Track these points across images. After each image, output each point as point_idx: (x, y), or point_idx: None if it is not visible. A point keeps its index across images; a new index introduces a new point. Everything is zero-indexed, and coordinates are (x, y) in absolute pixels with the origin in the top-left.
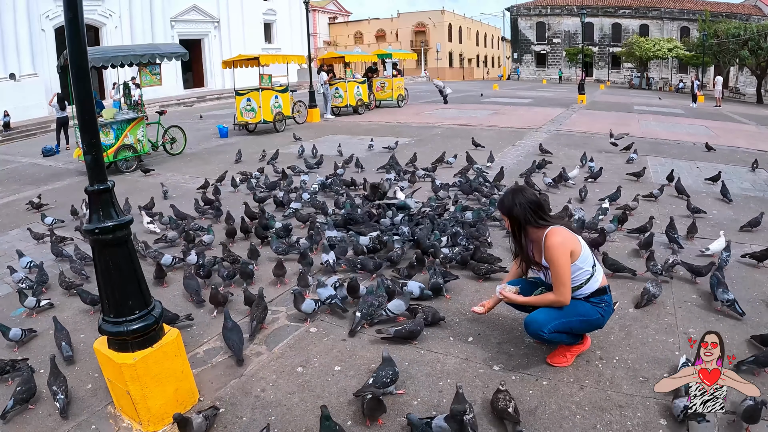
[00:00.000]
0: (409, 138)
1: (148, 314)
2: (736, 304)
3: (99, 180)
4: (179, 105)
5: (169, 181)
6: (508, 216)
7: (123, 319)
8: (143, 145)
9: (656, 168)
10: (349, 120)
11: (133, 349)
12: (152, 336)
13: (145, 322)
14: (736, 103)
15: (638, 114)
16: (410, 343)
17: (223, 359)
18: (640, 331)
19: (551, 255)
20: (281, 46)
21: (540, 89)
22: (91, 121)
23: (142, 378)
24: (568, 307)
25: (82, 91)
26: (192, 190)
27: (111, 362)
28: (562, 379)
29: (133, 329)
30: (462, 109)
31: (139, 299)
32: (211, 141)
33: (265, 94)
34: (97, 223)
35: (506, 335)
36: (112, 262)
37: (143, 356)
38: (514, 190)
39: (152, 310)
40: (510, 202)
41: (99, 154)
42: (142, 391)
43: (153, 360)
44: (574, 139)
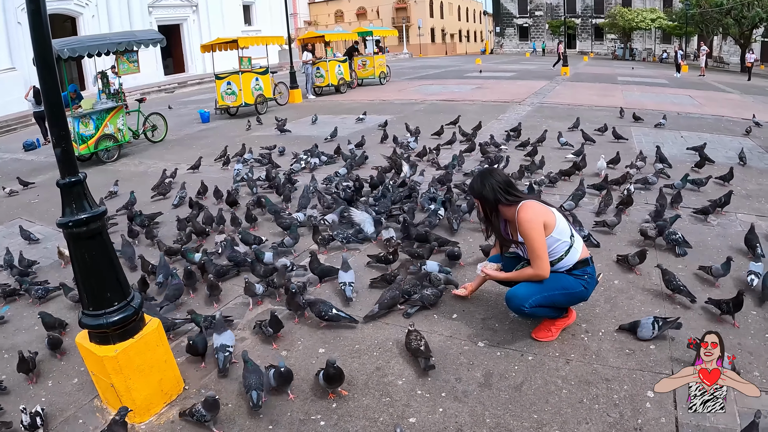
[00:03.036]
0: (391, 115)
1: (127, 305)
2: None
3: (70, 172)
4: (160, 92)
5: (152, 169)
6: (479, 198)
7: (102, 312)
8: (124, 134)
9: (640, 138)
10: (331, 99)
11: (114, 342)
12: (133, 327)
13: (125, 314)
14: (720, 72)
15: (622, 85)
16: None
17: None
18: (625, 303)
19: (524, 229)
20: (261, 28)
21: (523, 62)
22: (58, 112)
23: (125, 370)
24: (549, 280)
25: (48, 83)
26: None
27: (93, 356)
28: (547, 354)
29: (113, 321)
30: (445, 85)
31: (118, 291)
32: (192, 126)
33: (245, 76)
34: (70, 216)
35: (491, 311)
36: (87, 254)
37: (124, 348)
38: (483, 172)
39: (131, 301)
40: (480, 185)
41: (69, 146)
42: (126, 383)
43: (135, 351)
44: (558, 111)
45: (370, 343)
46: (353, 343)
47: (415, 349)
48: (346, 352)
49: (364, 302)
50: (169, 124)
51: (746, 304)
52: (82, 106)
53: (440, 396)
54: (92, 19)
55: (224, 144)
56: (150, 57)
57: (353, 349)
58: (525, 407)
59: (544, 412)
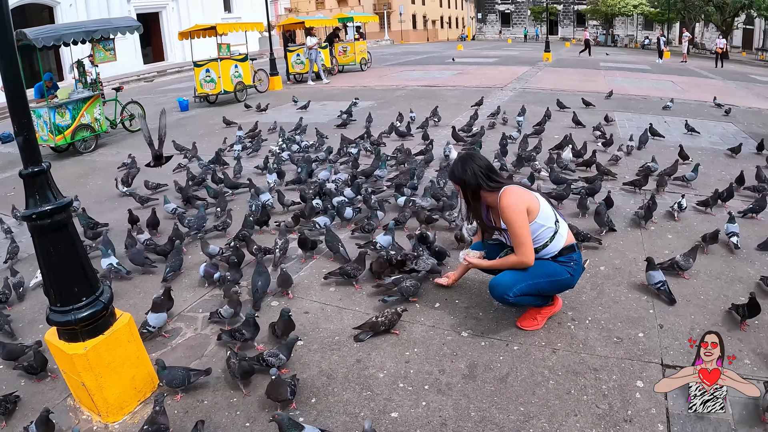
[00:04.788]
0: (372, 101)
1: (96, 300)
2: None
3: (33, 162)
4: (139, 80)
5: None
6: (460, 184)
7: (70, 308)
8: (101, 124)
9: (624, 123)
10: (311, 86)
11: (84, 338)
12: (102, 323)
13: (94, 309)
14: (702, 58)
15: (605, 71)
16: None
17: (183, 341)
18: (612, 289)
19: (506, 215)
20: (241, 15)
21: (505, 48)
22: (19, 101)
23: (95, 368)
24: (534, 267)
25: (9, 71)
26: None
27: (62, 353)
28: (533, 343)
29: (82, 317)
30: (426, 71)
31: (85, 285)
32: (171, 115)
33: (224, 64)
34: (33, 208)
35: (474, 299)
36: (53, 248)
37: (94, 345)
38: (463, 157)
39: (100, 295)
40: (461, 171)
41: (31, 135)
42: (97, 381)
43: (105, 348)
44: (540, 96)
45: (350, 334)
46: (332, 335)
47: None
48: (325, 345)
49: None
50: (148, 113)
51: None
52: (58, 96)
53: (423, 389)
54: (70, 8)
55: (202, 132)
56: (129, 45)
57: (332, 341)
58: (511, 399)
59: (531, 404)
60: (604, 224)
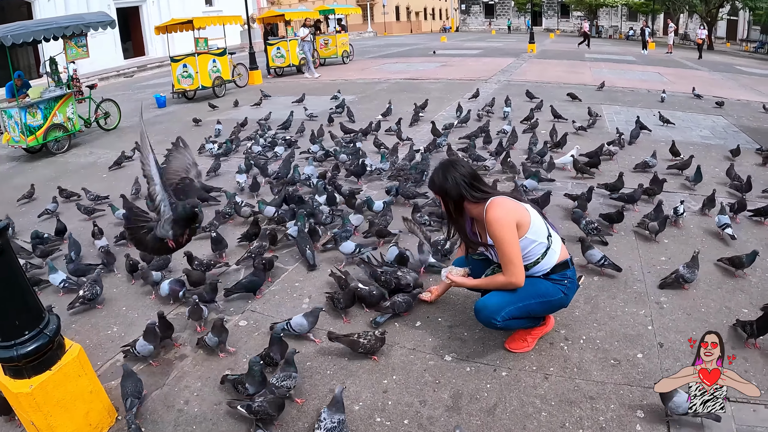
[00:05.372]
0: (353, 95)
1: (41, 333)
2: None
3: None
4: (119, 76)
5: (102, 159)
6: (441, 195)
7: (12, 343)
8: (74, 123)
9: (612, 116)
10: (292, 80)
11: (29, 375)
12: (49, 357)
13: (38, 343)
14: (687, 49)
15: (590, 62)
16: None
17: (143, 367)
18: (607, 303)
19: (493, 231)
20: (222, 8)
21: (489, 40)
22: None
23: (44, 406)
24: (524, 287)
25: None
26: (130, 166)
27: (8, 391)
28: (523, 368)
29: (25, 353)
30: (409, 63)
31: (28, 317)
32: (148, 112)
33: (201, 58)
34: None
35: (458, 317)
36: None
37: (41, 382)
38: (444, 164)
39: (45, 327)
40: (441, 179)
41: None
42: (47, 421)
43: (53, 385)
44: (526, 88)
45: (324, 358)
46: (304, 359)
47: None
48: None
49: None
50: (124, 110)
51: None
52: (29, 95)
53: (402, 424)
54: (48, 4)
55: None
56: (108, 41)
57: (304, 366)
58: None
59: None
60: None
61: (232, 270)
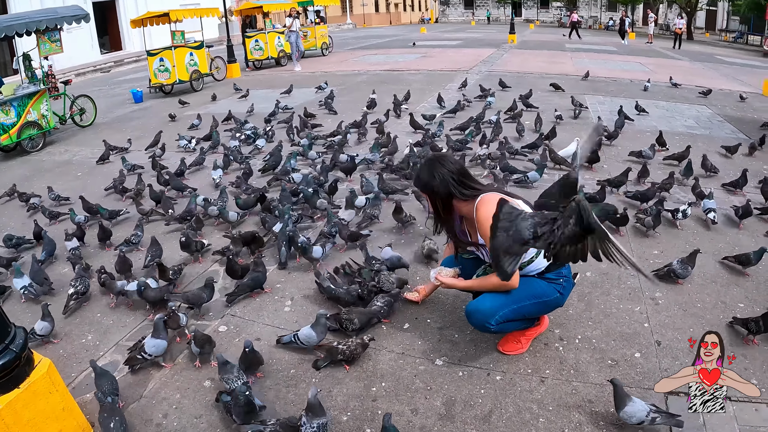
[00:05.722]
0: (334, 87)
1: (6, 349)
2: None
3: None
4: (96, 71)
5: (77, 157)
6: (428, 193)
7: None
8: (49, 120)
9: (596, 107)
10: (270, 73)
11: None
12: (16, 374)
13: (4, 360)
14: (667, 39)
15: (571, 52)
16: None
17: (120, 376)
18: (601, 300)
19: (485, 230)
20: (200, 0)
21: (469, 31)
22: None
23: (14, 427)
24: (519, 288)
25: None
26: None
27: None
28: (518, 371)
29: None
30: (389, 54)
31: None
32: (125, 107)
33: (178, 52)
34: None
35: (448, 318)
36: None
37: (8, 402)
38: (431, 160)
39: (11, 342)
40: (428, 176)
41: None
42: None
43: (22, 404)
44: (507, 79)
45: (307, 367)
46: (288, 367)
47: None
48: (280, 380)
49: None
50: (100, 106)
51: None
52: (2, 92)
53: None
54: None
55: (155, 125)
56: (85, 36)
57: (288, 375)
58: None
59: None
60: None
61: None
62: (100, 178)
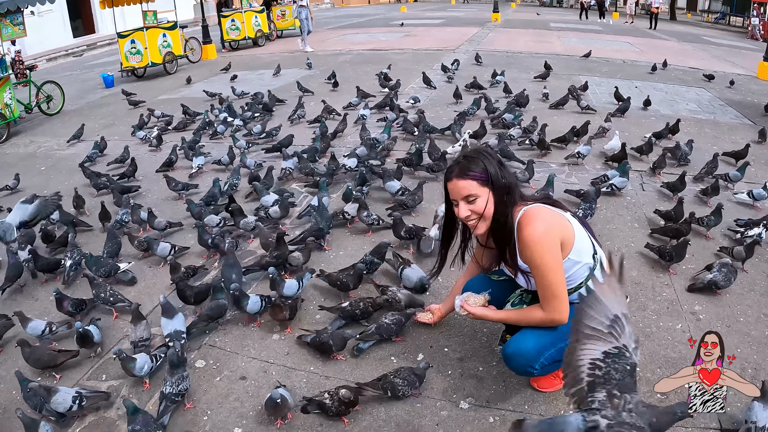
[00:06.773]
0: (316, 68)
1: None
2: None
3: None
4: (68, 55)
5: (42, 148)
6: (491, 185)
7: None
8: (13, 110)
9: (593, 88)
10: (248, 53)
11: None
12: None
13: None
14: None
15: (557, 31)
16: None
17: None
18: (638, 316)
19: (532, 254)
20: None
21: (450, 9)
22: None
23: None
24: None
25: None
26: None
27: None
28: (559, 412)
29: None
30: (370, 33)
31: None
32: (95, 93)
33: (150, 33)
34: None
35: (468, 345)
36: None
37: None
38: (479, 151)
39: None
40: (492, 166)
41: None
42: None
43: None
44: (496, 58)
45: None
46: None
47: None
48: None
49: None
50: (69, 92)
51: None
52: None
53: None
54: None
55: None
56: (56, 19)
57: (291, 424)
58: None
59: None
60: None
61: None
62: (63, 175)
